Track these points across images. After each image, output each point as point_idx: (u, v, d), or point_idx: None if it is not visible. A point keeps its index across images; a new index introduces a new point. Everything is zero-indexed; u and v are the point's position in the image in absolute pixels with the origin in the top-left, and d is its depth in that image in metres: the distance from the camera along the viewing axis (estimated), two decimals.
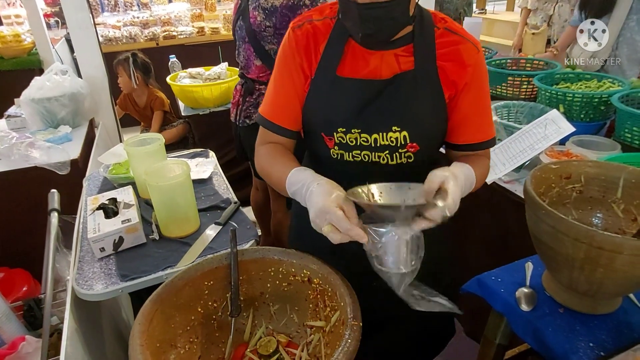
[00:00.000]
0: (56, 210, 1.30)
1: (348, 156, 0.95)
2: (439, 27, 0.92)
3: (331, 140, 0.95)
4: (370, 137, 0.92)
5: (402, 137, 0.92)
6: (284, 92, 0.97)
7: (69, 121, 2.20)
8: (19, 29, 3.43)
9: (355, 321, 0.71)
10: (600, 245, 0.80)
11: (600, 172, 1.03)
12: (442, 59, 0.91)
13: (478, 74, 0.93)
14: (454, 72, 0.91)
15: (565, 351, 0.88)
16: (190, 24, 4.72)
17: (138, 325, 0.70)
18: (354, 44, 0.91)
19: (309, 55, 0.94)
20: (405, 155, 0.94)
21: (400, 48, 0.91)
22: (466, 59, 0.91)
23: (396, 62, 0.91)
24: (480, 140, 0.99)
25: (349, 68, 0.92)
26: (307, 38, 0.94)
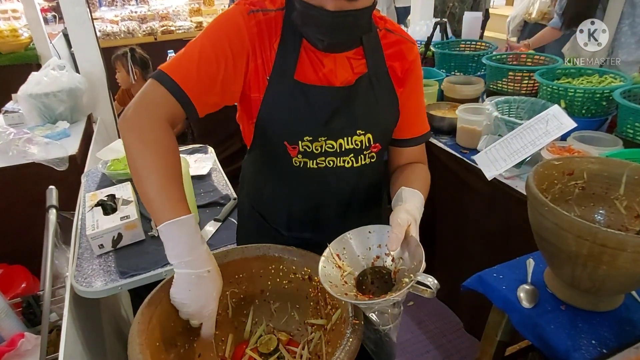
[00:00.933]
0: (54, 206, 1.29)
1: (312, 163, 0.91)
2: (380, 28, 0.94)
3: (295, 149, 0.90)
4: (336, 142, 0.90)
5: (367, 139, 0.92)
6: (213, 69, 0.82)
7: (67, 117, 2.18)
8: (16, 24, 3.40)
9: (356, 320, 0.70)
10: (604, 243, 0.79)
11: (603, 169, 1.02)
12: (389, 59, 0.94)
13: (417, 69, 0.97)
14: (401, 70, 0.94)
15: (567, 348, 0.88)
16: (188, 19, 4.69)
17: (137, 324, 0.69)
18: (307, 45, 0.87)
19: (263, 52, 0.85)
20: (369, 156, 0.95)
21: (351, 51, 0.90)
22: (407, 55, 0.95)
23: (349, 64, 0.90)
24: (421, 133, 1.03)
25: (307, 72, 0.87)
26: (262, 30, 0.85)
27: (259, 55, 0.85)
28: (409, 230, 0.78)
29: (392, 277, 0.78)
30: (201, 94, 0.82)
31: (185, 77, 0.81)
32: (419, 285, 0.71)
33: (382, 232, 0.81)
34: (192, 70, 0.81)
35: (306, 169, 0.92)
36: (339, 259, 0.80)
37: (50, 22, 4.26)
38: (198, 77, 0.81)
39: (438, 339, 2.04)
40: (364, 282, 0.79)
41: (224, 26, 0.84)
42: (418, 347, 2.00)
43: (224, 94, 0.86)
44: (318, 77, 0.88)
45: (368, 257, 0.82)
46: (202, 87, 0.82)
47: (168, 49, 3.32)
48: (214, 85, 0.83)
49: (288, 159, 0.91)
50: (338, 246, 0.81)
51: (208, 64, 0.82)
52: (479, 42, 2.54)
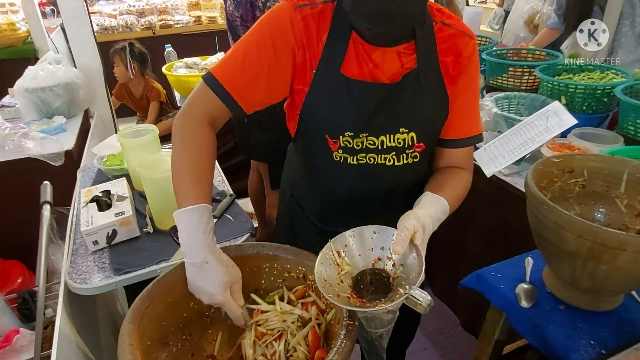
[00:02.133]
0: (48, 202, 1.28)
1: (352, 159, 0.91)
2: (436, 22, 0.89)
3: (336, 143, 0.90)
4: (378, 139, 0.88)
5: (410, 138, 0.89)
6: (257, 68, 0.85)
7: (63, 111, 2.17)
8: (14, 18, 3.37)
9: (350, 321, 0.69)
10: (604, 242, 0.78)
11: (603, 166, 1.00)
12: (443, 54, 0.89)
13: (472, 66, 0.91)
14: (454, 67, 0.89)
15: (566, 349, 0.87)
16: (187, 13, 4.66)
17: (128, 323, 0.68)
18: (356, 38, 0.86)
19: (310, 46, 0.85)
20: (411, 155, 0.92)
21: (402, 45, 0.87)
22: (463, 50, 0.89)
23: (398, 60, 0.87)
24: (467, 135, 0.96)
25: (353, 66, 0.86)
26: (309, 25, 0.85)
27: (307, 50, 0.86)
28: (414, 237, 0.75)
29: (391, 282, 0.76)
30: (245, 92, 0.86)
31: (230, 77, 0.85)
32: (413, 298, 0.69)
33: (386, 234, 0.79)
34: (236, 70, 0.85)
35: (346, 165, 0.92)
36: (338, 256, 0.78)
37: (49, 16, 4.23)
38: (242, 76, 0.85)
39: (435, 336, 2.03)
40: (362, 281, 0.78)
41: (268, 24, 0.86)
42: (415, 345, 1.98)
43: (269, 92, 0.88)
44: (363, 72, 0.86)
45: (369, 257, 0.80)
46: (246, 85, 0.86)
47: (166, 44, 3.30)
48: (258, 84, 0.86)
49: (329, 153, 0.91)
50: (339, 243, 0.79)
51: (251, 63, 0.85)
52: (479, 38, 2.51)
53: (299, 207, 1.10)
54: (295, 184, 1.12)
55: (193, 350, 0.82)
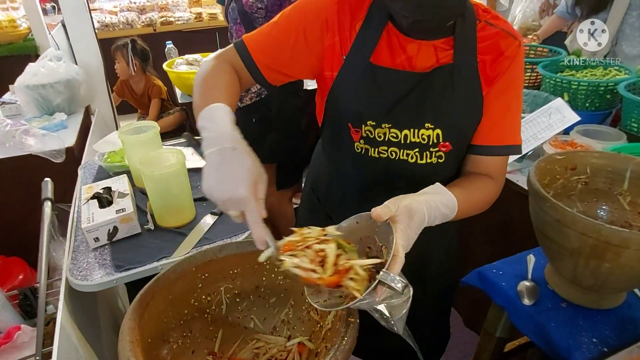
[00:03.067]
0: (49, 199, 1.28)
1: (373, 152, 0.89)
2: (480, 20, 0.86)
3: (357, 133, 0.88)
4: (401, 133, 0.86)
5: (435, 135, 0.86)
6: (283, 41, 0.86)
7: (64, 108, 2.16)
8: (15, 14, 3.37)
9: (352, 318, 0.69)
10: (607, 240, 0.77)
11: (606, 164, 1.00)
12: (482, 52, 0.85)
13: (514, 68, 0.86)
14: (493, 66, 0.85)
15: (568, 346, 0.87)
16: (187, 10, 4.65)
17: (128, 320, 0.68)
18: (392, 29, 0.84)
19: (342, 31, 0.85)
20: (436, 154, 0.88)
21: (440, 40, 0.84)
22: (505, 50, 0.85)
23: (434, 54, 0.85)
24: (500, 143, 0.88)
25: (384, 55, 0.85)
26: (344, 10, 0.85)
27: (337, 33, 0.86)
28: (394, 219, 0.68)
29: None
30: (269, 61, 0.88)
31: (257, 44, 0.88)
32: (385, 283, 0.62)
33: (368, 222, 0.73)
34: (263, 38, 0.88)
35: (367, 157, 0.90)
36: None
37: (50, 12, 4.22)
38: (267, 45, 0.88)
39: None
40: None
41: (303, 3, 0.88)
42: None
43: (293, 65, 0.89)
44: (395, 62, 0.85)
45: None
46: (271, 54, 0.88)
47: (167, 40, 3.30)
48: (283, 55, 0.87)
49: (351, 143, 0.90)
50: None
51: (279, 34, 0.87)
52: None
53: (317, 201, 1.10)
54: (317, 177, 1.11)
55: (194, 348, 0.82)
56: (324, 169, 1.06)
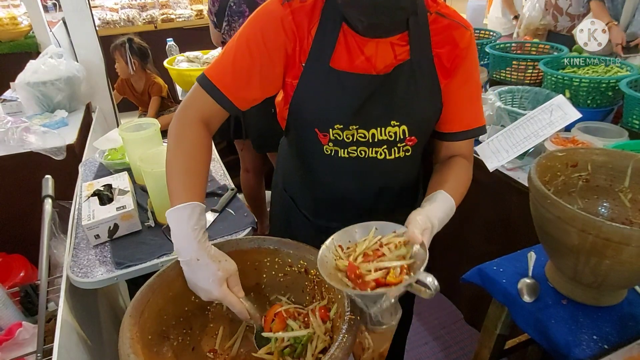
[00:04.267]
0: (50, 196, 1.28)
1: (343, 152, 0.90)
2: (431, 12, 0.87)
3: (325, 137, 0.89)
4: (368, 132, 0.88)
5: (402, 131, 0.88)
6: (247, 65, 0.84)
7: (65, 105, 2.16)
8: (15, 12, 3.37)
9: (352, 315, 0.69)
10: (608, 237, 0.77)
11: (607, 160, 1.00)
12: (437, 46, 0.87)
13: (470, 57, 0.89)
14: (449, 59, 0.88)
15: (568, 343, 0.87)
16: (188, 7, 4.64)
17: (129, 317, 0.68)
18: (347, 30, 0.84)
19: (300, 39, 0.85)
20: (403, 149, 0.91)
21: (396, 36, 0.85)
22: (459, 41, 0.87)
23: (392, 51, 0.85)
24: (467, 127, 0.94)
25: (343, 59, 0.85)
26: (298, 19, 0.84)
27: (297, 43, 0.85)
28: (424, 233, 0.73)
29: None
30: (238, 89, 0.86)
31: (222, 76, 0.85)
32: (418, 285, 0.68)
33: (387, 229, 0.78)
34: (227, 68, 0.85)
35: (337, 158, 0.91)
36: (341, 250, 0.78)
37: (50, 10, 4.22)
38: (233, 74, 0.85)
39: (437, 330, 2.03)
40: None
41: (257, 21, 0.85)
42: (417, 339, 1.99)
43: (263, 87, 0.88)
44: (354, 64, 0.85)
45: None
46: (239, 83, 0.85)
47: (168, 37, 3.29)
48: (252, 80, 0.85)
49: (319, 146, 0.91)
50: (342, 238, 0.78)
51: (242, 60, 0.84)
52: (482, 31, 2.49)
53: (292, 201, 1.10)
54: (288, 178, 1.12)
55: (194, 344, 0.82)
56: (293, 170, 1.06)
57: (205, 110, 0.87)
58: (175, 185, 0.81)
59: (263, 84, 0.87)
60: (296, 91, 0.88)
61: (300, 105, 0.89)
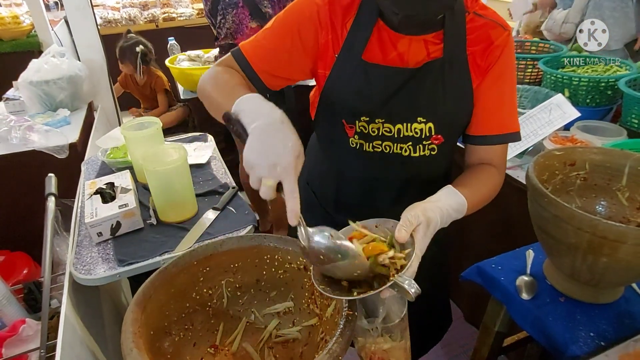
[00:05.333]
0: (53, 194, 1.29)
1: (368, 146, 0.91)
2: (469, 12, 0.86)
3: (352, 129, 0.90)
4: (394, 127, 0.88)
5: (428, 128, 0.88)
6: (279, 45, 0.87)
7: (67, 104, 2.18)
8: (17, 11, 3.38)
9: (350, 310, 0.70)
10: (604, 235, 0.78)
11: (605, 159, 1.00)
12: (472, 44, 0.86)
13: (505, 58, 0.86)
14: (483, 57, 0.86)
15: (566, 340, 0.87)
16: (190, 6, 4.65)
17: (131, 313, 0.69)
18: (382, 26, 0.85)
19: (334, 30, 0.86)
20: (429, 147, 0.91)
21: (431, 34, 0.85)
22: (494, 39, 0.86)
23: (425, 48, 0.85)
24: (497, 132, 0.90)
25: (376, 52, 0.86)
26: (335, 9, 0.85)
27: (330, 32, 0.86)
28: (415, 229, 0.71)
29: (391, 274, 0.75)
30: (267, 67, 0.88)
31: (254, 51, 0.88)
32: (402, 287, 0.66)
33: (386, 226, 0.77)
34: (260, 44, 0.89)
35: (362, 152, 0.92)
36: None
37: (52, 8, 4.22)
38: (264, 51, 0.88)
39: None
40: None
41: (295, 7, 0.88)
42: None
43: (291, 68, 0.90)
44: (386, 58, 0.86)
45: None
46: (268, 60, 0.88)
47: (169, 36, 3.30)
48: (280, 59, 0.88)
49: (345, 138, 0.92)
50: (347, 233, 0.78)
51: (274, 39, 0.88)
52: None
53: (313, 195, 1.11)
54: (312, 171, 1.12)
55: (195, 340, 0.83)
56: (318, 163, 1.07)
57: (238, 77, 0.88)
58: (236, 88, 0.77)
59: (291, 64, 0.89)
60: (327, 81, 0.89)
61: (330, 95, 0.90)
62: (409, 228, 0.70)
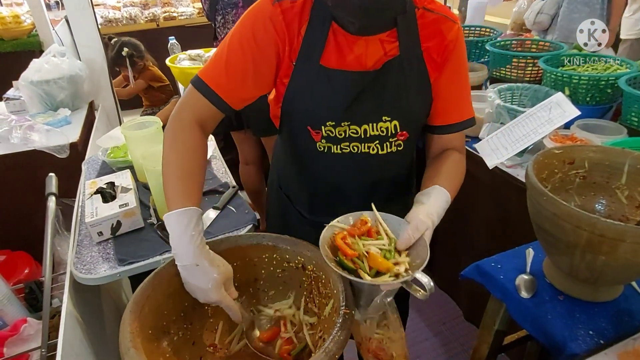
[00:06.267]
0: (54, 194, 1.30)
1: (336, 149, 0.91)
2: (418, 7, 0.88)
3: (318, 134, 0.90)
4: (360, 128, 0.89)
5: (393, 126, 0.90)
6: (241, 65, 0.85)
7: (68, 104, 2.18)
8: (18, 10, 3.38)
9: (347, 309, 0.70)
10: (602, 233, 0.78)
11: (604, 158, 1.00)
12: (425, 40, 0.88)
13: (457, 50, 0.90)
14: (438, 52, 0.89)
15: (565, 339, 0.87)
16: (190, 5, 4.66)
17: (129, 312, 0.69)
18: (337, 29, 0.85)
19: (291, 38, 0.85)
20: (395, 144, 0.93)
21: (385, 33, 0.86)
22: (447, 34, 0.88)
23: (381, 47, 0.86)
24: (457, 120, 0.96)
25: (333, 57, 0.86)
26: (288, 18, 0.84)
27: (287, 42, 0.86)
28: (424, 234, 0.78)
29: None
30: (232, 90, 0.87)
31: (216, 77, 0.86)
32: (413, 284, 0.70)
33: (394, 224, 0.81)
34: (221, 69, 0.86)
35: (330, 154, 0.92)
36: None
37: (53, 8, 4.23)
38: (227, 75, 0.86)
39: (437, 326, 2.04)
40: None
41: (249, 21, 0.86)
42: (416, 335, 2.00)
43: (257, 86, 0.89)
44: (345, 62, 0.86)
45: None
46: (233, 83, 0.87)
47: (170, 36, 3.30)
48: (245, 79, 0.86)
49: (312, 143, 0.92)
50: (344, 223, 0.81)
51: (236, 60, 0.85)
52: (483, 28, 2.49)
53: (287, 199, 1.11)
54: (282, 176, 1.13)
55: (194, 339, 0.83)
56: (287, 167, 1.08)
57: (200, 112, 0.87)
58: (172, 190, 0.80)
59: (257, 82, 0.88)
60: (287, 90, 0.89)
61: (292, 103, 0.90)
62: (416, 237, 0.77)
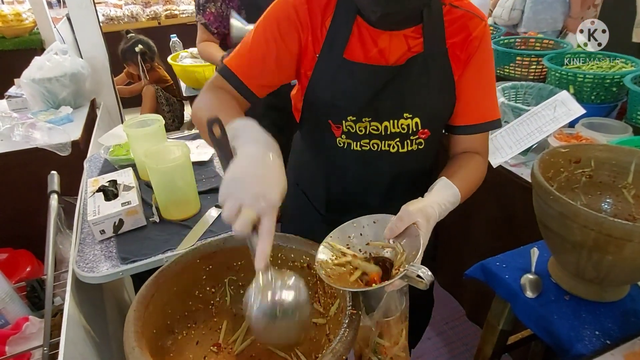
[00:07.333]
0: (56, 192, 1.29)
1: (356, 145, 0.91)
2: (445, 4, 0.87)
3: (339, 129, 0.90)
4: (381, 125, 0.88)
5: (414, 123, 0.88)
6: (262, 51, 0.87)
7: (70, 102, 2.18)
8: (20, 8, 3.38)
9: (353, 310, 0.69)
10: (610, 232, 0.77)
11: (611, 157, 0.99)
12: (450, 36, 0.86)
13: (483, 48, 0.88)
14: (463, 49, 0.87)
15: (570, 339, 0.87)
16: (192, 3, 4.64)
17: (133, 311, 0.69)
18: (362, 23, 0.85)
19: (315, 30, 0.85)
20: (416, 142, 0.91)
21: (410, 28, 0.85)
22: (472, 30, 0.87)
23: (405, 43, 0.85)
24: (480, 121, 0.93)
25: (357, 50, 0.85)
26: (313, 9, 0.85)
27: (310, 33, 0.86)
28: (418, 226, 0.73)
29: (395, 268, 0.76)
30: (255, 77, 0.89)
31: (240, 64, 0.89)
32: (413, 277, 0.68)
33: (385, 222, 0.79)
34: (245, 56, 0.89)
35: (350, 151, 0.92)
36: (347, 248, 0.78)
37: (55, 6, 4.22)
38: (250, 62, 0.88)
39: (440, 326, 2.04)
40: None
41: (273, 11, 0.87)
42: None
43: (280, 73, 0.90)
44: (368, 56, 0.85)
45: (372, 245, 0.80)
46: (255, 70, 0.88)
47: (171, 33, 3.30)
48: (267, 67, 0.88)
49: (332, 138, 0.92)
50: (340, 233, 0.79)
51: (259, 48, 0.87)
52: None
53: (304, 195, 1.11)
54: (300, 172, 1.12)
55: (198, 339, 0.83)
56: (306, 163, 1.07)
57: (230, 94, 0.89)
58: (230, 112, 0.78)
59: (279, 69, 0.89)
60: (310, 82, 0.89)
61: (315, 96, 0.90)
62: (400, 227, 0.74)
